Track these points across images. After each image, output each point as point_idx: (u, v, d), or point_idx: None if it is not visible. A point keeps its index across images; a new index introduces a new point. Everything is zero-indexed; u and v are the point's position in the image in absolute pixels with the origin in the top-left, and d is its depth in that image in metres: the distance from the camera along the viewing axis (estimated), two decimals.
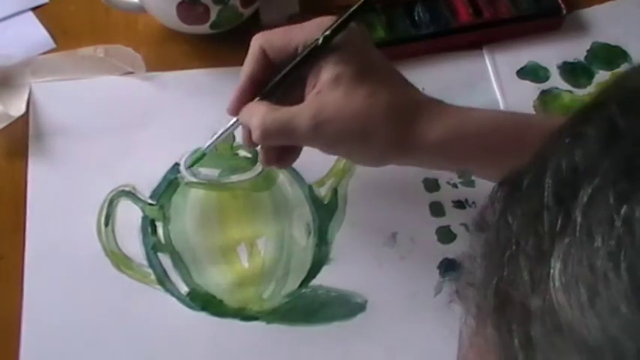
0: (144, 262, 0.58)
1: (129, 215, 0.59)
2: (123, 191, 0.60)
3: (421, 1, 0.69)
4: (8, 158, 0.62)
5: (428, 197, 0.61)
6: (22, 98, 0.64)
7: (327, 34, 0.50)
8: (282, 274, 0.58)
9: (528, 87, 0.67)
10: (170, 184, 0.61)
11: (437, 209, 0.60)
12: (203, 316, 0.56)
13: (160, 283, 0.57)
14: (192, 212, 0.60)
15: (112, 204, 0.60)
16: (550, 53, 0.69)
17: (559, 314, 0.22)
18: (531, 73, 0.68)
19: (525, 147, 0.27)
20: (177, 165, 0.61)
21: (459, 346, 0.29)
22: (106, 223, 0.59)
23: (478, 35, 0.69)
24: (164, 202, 0.60)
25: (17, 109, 0.63)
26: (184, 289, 0.57)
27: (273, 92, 0.53)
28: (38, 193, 0.60)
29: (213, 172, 0.61)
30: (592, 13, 0.71)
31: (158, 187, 0.61)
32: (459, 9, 0.69)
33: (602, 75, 0.67)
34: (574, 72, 0.68)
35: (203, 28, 0.66)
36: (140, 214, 0.60)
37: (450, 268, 0.57)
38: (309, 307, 0.57)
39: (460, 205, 0.60)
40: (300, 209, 0.60)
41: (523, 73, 0.68)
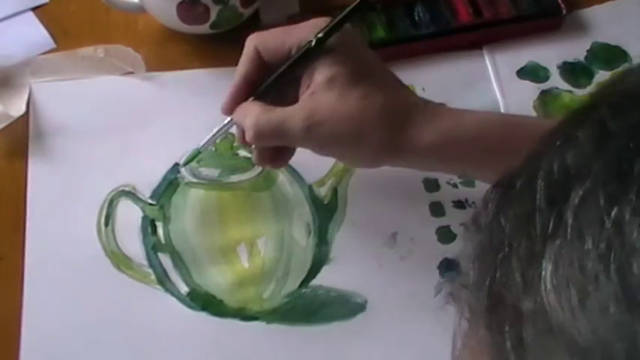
0: (144, 262, 0.58)
1: (129, 215, 0.59)
2: (123, 191, 0.60)
3: (421, 1, 0.69)
4: (8, 158, 0.62)
5: (428, 197, 0.61)
6: (22, 98, 0.64)
7: (321, 35, 0.50)
8: (282, 274, 0.58)
9: (528, 87, 0.67)
10: (170, 184, 0.61)
11: (437, 209, 0.60)
12: (203, 316, 0.56)
13: (160, 283, 0.57)
14: (192, 212, 0.60)
15: (112, 204, 0.60)
16: (550, 53, 0.68)
17: (550, 316, 0.22)
18: (531, 73, 0.68)
19: (518, 149, 0.27)
20: (177, 165, 0.61)
21: (453, 348, 0.29)
22: (106, 223, 0.59)
23: (478, 35, 0.69)
24: (164, 202, 0.60)
25: (17, 109, 0.63)
26: (184, 289, 0.57)
27: (267, 93, 0.53)
28: (38, 193, 0.60)
29: (213, 172, 0.61)
30: (592, 13, 0.71)
31: (158, 187, 0.61)
32: (459, 9, 0.69)
33: (602, 75, 0.67)
34: (574, 72, 0.68)
35: (203, 28, 0.66)
36: (140, 214, 0.60)
37: (450, 268, 0.57)
38: (309, 307, 0.57)
39: (460, 205, 0.60)
40: (300, 209, 0.60)
41: (523, 73, 0.68)
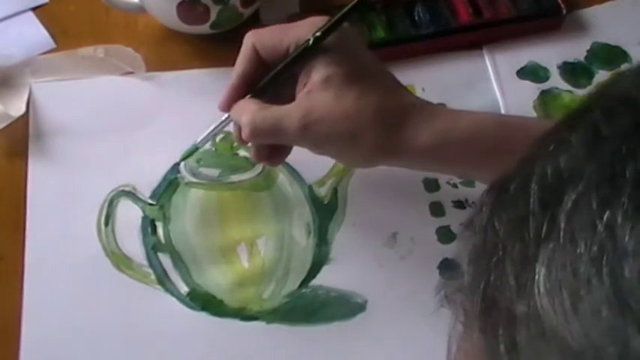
0: (144, 262, 0.58)
1: (129, 215, 0.59)
2: (123, 191, 0.60)
3: (421, 1, 0.69)
4: (8, 158, 0.62)
5: (428, 197, 0.61)
6: (22, 98, 0.64)
7: (318, 34, 0.50)
8: (282, 274, 0.58)
9: (528, 87, 0.67)
10: (170, 184, 0.61)
11: (437, 209, 0.60)
12: (203, 316, 0.56)
13: (160, 283, 0.57)
14: (192, 212, 0.60)
15: (112, 204, 0.60)
16: (550, 53, 0.68)
17: (543, 319, 0.22)
18: (531, 73, 0.68)
19: (515, 150, 0.27)
20: (177, 165, 0.61)
21: (448, 351, 0.29)
22: (106, 223, 0.59)
23: (478, 35, 0.69)
24: (164, 202, 0.60)
25: (17, 109, 0.63)
26: (184, 289, 0.57)
27: (264, 90, 0.53)
28: (38, 193, 0.60)
29: (213, 172, 0.61)
30: (592, 13, 0.71)
31: (158, 187, 0.61)
32: (459, 9, 0.69)
33: (602, 75, 0.67)
34: (574, 72, 0.68)
35: (203, 28, 0.66)
36: (140, 214, 0.60)
37: (450, 268, 0.57)
38: (309, 307, 0.57)
39: (460, 205, 0.60)
40: (300, 209, 0.60)
41: (523, 73, 0.68)
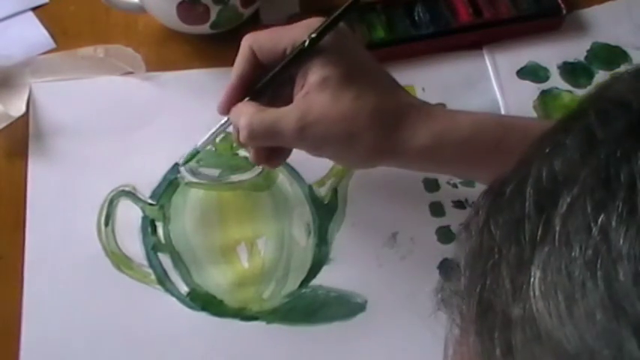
0: (144, 262, 0.58)
1: (129, 215, 0.59)
2: (123, 191, 0.60)
3: (421, 1, 0.69)
4: (8, 158, 0.62)
5: (428, 197, 0.61)
6: (22, 98, 0.64)
7: (314, 35, 0.50)
8: (282, 274, 0.58)
9: (528, 87, 0.67)
10: (170, 184, 0.61)
11: (437, 209, 0.60)
12: (203, 316, 0.56)
13: (160, 283, 0.57)
14: (192, 212, 0.60)
15: (112, 204, 0.60)
16: (550, 53, 0.68)
17: (538, 322, 0.22)
18: (531, 73, 0.68)
19: (513, 150, 0.27)
20: (177, 165, 0.61)
21: (444, 354, 0.29)
22: (106, 223, 0.59)
23: (478, 35, 0.69)
24: (164, 202, 0.60)
25: (17, 109, 0.63)
26: (184, 289, 0.57)
27: (262, 93, 0.53)
28: (38, 193, 0.60)
29: (213, 172, 0.61)
30: (592, 13, 0.71)
31: (158, 187, 0.61)
32: (459, 9, 0.69)
33: (602, 75, 0.67)
34: (574, 72, 0.68)
35: (203, 28, 0.66)
36: (140, 214, 0.60)
37: (450, 269, 0.57)
38: (309, 307, 0.57)
39: (460, 205, 0.60)
40: (300, 209, 0.60)
41: (523, 73, 0.68)
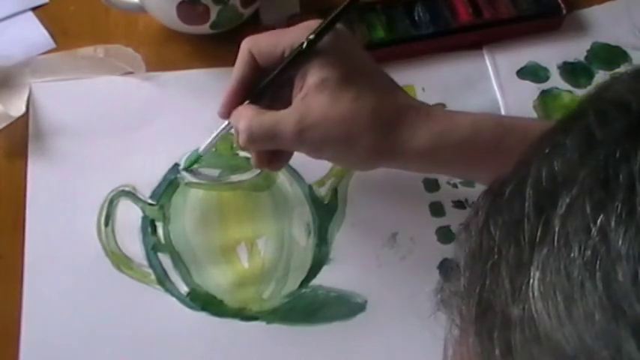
0: (144, 262, 0.58)
1: (129, 215, 0.59)
2: (123, 191, 0.60)
3: (421, 1, 0.69)
4: (8, 158, 0.62)
5: (428, 197, 0.61)
6: (22, 98, 0.64)
7: (312, 37, 0.50)
8: (282, 274, 0.58)
9: (528, 87, 0.67)
10: (170, 184, 0.61)
11: (437, 209, 0.60)
12: (203, 316, 0.56)
13: (160, 283, 0.57)
14: (192, 212, 0.60)
15: (112, 204, 0.60)
16: (550, 53, 0.68)
17: (538, 323, 0.22)
18: (531, 73, 0.68)
19: (513, 151, 0.27)
20: (177, 165, 0.61)
21: (444, 355, 0.29)
22: (106, 223, 0.59)
23: (478, 35, 0.69)
24: (164, 202, 0.60)
25: (17, 109, 0.63)
26: (184, 289, 0.57)
27: (262, 96, 0.52)
28: (38, 193, 0.60)
29: (213, 172, 0.61)
30: (592, 13, 0.71)
31: (158, 187, 0.61)
32: (459, 9, 0.69)
33: (602, 75, 0.67)
34: (574, 72, 0.68)
35: (203, 28, 0.66)
36: (140, 214, 0.60)
37: (450, 269, 0.57)
38: (309, 307, 0.57)
39: (460, 205, 0.60)
40: (300, 209, 0.60)
41: (523, 73, 0.68)
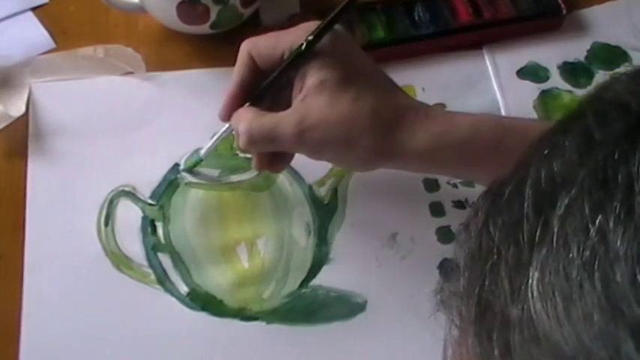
0: (144, 262, 0.58)
1: (129, 215, 0.59)
2: (123, 191, 0.60)
3: (421, 1, 0.69)
4: (8, 158, 0.62)
5: (428, 197, 0.61)
6: (21, 98, 0.64)
7: (311, 38, 0.50)
8: (282, 274, 0.58)
9: (528, 87, 0.67)
10: (170, 184, 0.61)
11: (437, 209, 0.60)
12: (203, 316, 0.56)
13: (160, 283, 0.57)
14: (192, 212, 0.60)
15: (112, 204, 0.60)
16: (550, 53, 0.68)
17: (536, 323, 0.22)
18: (531, 73, 0.68)
19: (512, 151, 0.27)
20: (177, 165, 0.61)
21: (443, 355, 0.29)
22: (106, 223, 0.59)
23: (478, 35, 0.69)
24: (164, 202, 0.60)
25: (17, 109, 0.63)
26: (184, 289, 0.57)
27: (262, 98, 0.52)
28: (38, 193, 0.60)
29: (213, 172, 0.61)
30: (592, 13, 0.71)
31: (158, 187, 0.61)
32: (459, 9, 0.69)
33: (602, 75, 0.67)
34: (574, 72, 0.68)
35: (203, 28, 0.66)
36: (140, 214, 0.60)
37: (450, 269, 0.57)
38: (309, 307, 0.57)
39: (460, 205, 0.60)
40: (300, 209, 0.60)
41: (523, 73, 0.68)
